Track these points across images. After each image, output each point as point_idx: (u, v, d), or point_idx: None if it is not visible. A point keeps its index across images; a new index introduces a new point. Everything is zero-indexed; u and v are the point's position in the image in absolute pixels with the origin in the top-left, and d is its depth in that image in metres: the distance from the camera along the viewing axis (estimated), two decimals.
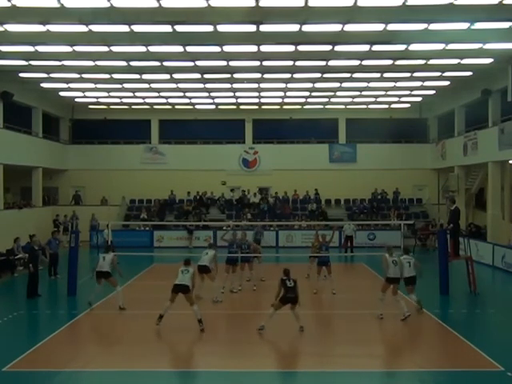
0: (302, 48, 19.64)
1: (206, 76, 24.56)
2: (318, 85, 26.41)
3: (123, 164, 32.76)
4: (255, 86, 26.66)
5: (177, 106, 32.48)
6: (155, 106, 32.68)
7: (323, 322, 13.91)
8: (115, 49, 19.78)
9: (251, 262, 17.02)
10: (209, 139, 33.85)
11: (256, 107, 32.54)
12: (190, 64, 22.31)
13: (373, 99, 30.32)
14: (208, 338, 12.00)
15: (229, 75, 24.39)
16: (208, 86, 26.73)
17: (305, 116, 32.98)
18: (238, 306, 14.86)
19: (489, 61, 21.79)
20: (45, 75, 24.47)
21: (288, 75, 24.44)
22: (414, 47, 19.63)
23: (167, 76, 24.59)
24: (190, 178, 32.02)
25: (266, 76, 24.42)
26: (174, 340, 12.08)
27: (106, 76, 24.64)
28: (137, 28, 17.25)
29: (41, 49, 19.69)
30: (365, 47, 19.63)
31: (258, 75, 24.34)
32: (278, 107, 32.55)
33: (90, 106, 32.50)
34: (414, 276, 13.38)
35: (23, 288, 19.23)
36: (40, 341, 11.50)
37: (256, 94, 28.86)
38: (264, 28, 17.23)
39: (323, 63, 22.14)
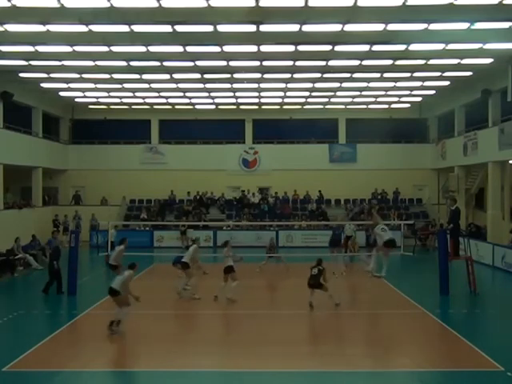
0: (301, 48, 19.63)
1: (206, 76, 24.55)
2: (318, 85, 26.40)
3: (123, 164, 32.74)
4: (255, 86, 26.65)
5: (177, 106, 32.48)
6: (155, 106, 32.67)
7: (323, 322, 13.91)
8: (115, 49, 19.76)
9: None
10: (209, 139, 33.83)
11: (256, 107, 32.53)
12: (190, 64, 22.30)
13: (373, 99, 30.32)
14: (208, 337, 12.00)
15: (229, 75, 24.39)
16: (208, 86, 26.72)
17: (305, 116, 32.97)
18: (239, 307, 14.85)
19: (489, 61, 21.78)
20: (45, 75, 24.46)
21: (288, 75, 24.44)
22: (413, 47, 19.62)
23: (167, 76, 24.59)
24: (189, 178, 32.00)
25: (266, 76, 24.41)
26: (173, 340, 12.07)
27: (106, 76, 24.64)
28: (137, 28, 17.25)
29: (41, 49, 19.68)
30: (365, 47, 19.63)
31: (258, 75, 24.33)
32: (278, 107, 32.54)
33: (90, 106, 32.50)
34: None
35: (23, 288, 19.32)
36: (40, 341, 11.49)
37: (256, 94, 28.85)
38: (264, 28, 17.23)
39: (323, 63, 22.13)
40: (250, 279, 17.73)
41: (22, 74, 24.23)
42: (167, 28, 17.17)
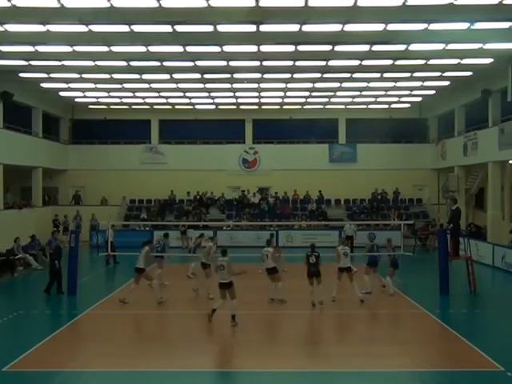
0: (301, 48, 19.63)
1: (206, 76, 24.55)
2: (318, 85, 26.40)
3: (123, 164, 32.75)
4: (255, 86, 26.65)
5: (177, 106, 32.48)
6: (155, 106, 32.67)
7: (323, 322, 13.91)
8: (115, 49, 19.76)
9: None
10: (209, 139, 33.82)
11: (256, 107, 32.53)
12: (190, 64, 22.30)
13: (373, 99, 30.31)
14: (208, 338, 12.00)
15: (229, 75, 24.38)
16: (208, 86, 26.72)
17: (305, 116, 32.97)
18: (239, 307, 14.84)
19: (489, 61, 21.78)
20: (45, 75, 24.46)
21: (288, 75, 24.44)
22: (413, 47, 19.62)
23: (167, 76, 24.59)
24: (189, 178, 31.99)
25: (266, 76, 24.40)
26: (174, 340, 12.07)
27: (106, 76, 24.64)
28: (137, 28, 17.25)
29: (41, 49, 19.68)
30: (365, 47, 19.62)
31: (258, 75, 24.33)
32: (278, 107, 32.54)
33: (90, 106, 32.50)
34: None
35: (23, 288, 19.32)
36: (40, 341, 11.49)
37: (256, 94, 28.85)
38: (264, 28, 17.22)
39: (323, 63, 22.13)
40: (252, 279, 17.69)
41: (22, 74, 24.22)
42: (167, 28, 17.16)
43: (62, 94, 29.01)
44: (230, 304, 12.78)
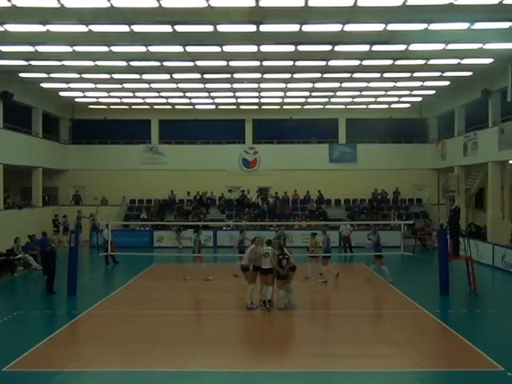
0: (301, 48, 19.64)
1: (206, 76, 24.56)
2: (318, 85, 26.41)
3: (123, 164, 32.77)
4: (255, 86, 26.65)
5: (177, 106, 32.49)
6: (155, 106, 32.68)
7: (323, 322, 13.91)
8: (115, 49, 19.77)
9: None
10: (209, 139, 33.85)
11: (256, 107, 32.54)
12: (190, 64, 22.31)
13: (373, 99, 30.32)
14: (208, 338, 12.00)
15: (229, 75, 24.40)
16: (208, 85, 26.73)
17: (305, 116, 32.98)
18: (238, 307, 14.84)
19: (489, 61, 21.79)
20: (45, 75, 24.47)
21: (288, 75, 24.44)
22: (413, 47, 19.62)
23: (167, 76, 24.60)
24: (190, 178, 32.03)
25: (266, 76, 24.41)
26: (173, 340, 12.07)
27: (106, 76, 24.64)
28: (137, 28, 17.25)
29: (41, 49, 19.68)
30: (365, 47, 19.63)
31: (258, 75, 24.34)
32: (278, 107, 32.55)
33: (90, 106, 32.51)
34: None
35: (23, 288, 19.33)
36: (40, 341, 11.49)
37: (256, 94, 28.86)
38: (264, 28, 17.23)
39: (323, 63, 22.14)
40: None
41: (22, 74, 24.23)
42: (167, 28, 17.17)
43: (62, 93, 29.00)
44: (266, 290, 13.90)
